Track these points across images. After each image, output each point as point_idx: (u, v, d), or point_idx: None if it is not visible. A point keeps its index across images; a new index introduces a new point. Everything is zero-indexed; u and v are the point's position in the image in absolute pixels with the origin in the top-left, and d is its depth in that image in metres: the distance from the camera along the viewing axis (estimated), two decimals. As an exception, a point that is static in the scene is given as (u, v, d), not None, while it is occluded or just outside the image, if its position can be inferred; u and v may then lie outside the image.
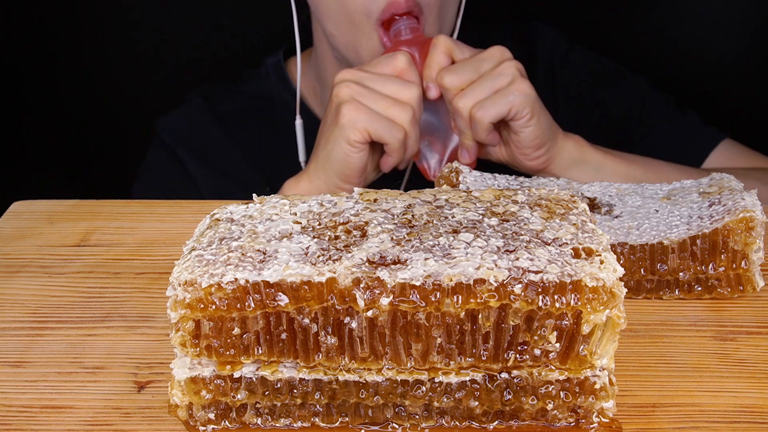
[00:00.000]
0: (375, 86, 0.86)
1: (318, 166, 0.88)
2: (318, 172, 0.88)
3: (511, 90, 0.85)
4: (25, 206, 0.77)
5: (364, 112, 0.84)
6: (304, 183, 0.89)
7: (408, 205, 0.52)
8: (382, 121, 0.84)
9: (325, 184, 0.88)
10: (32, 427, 0.51)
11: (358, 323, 0.46)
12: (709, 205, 0.63)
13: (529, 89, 0.86)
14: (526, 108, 0.86)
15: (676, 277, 0.62)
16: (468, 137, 0.89)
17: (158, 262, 0.68)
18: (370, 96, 0.85)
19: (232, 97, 1.11)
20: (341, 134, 0.85)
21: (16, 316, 0.61)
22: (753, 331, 0.59)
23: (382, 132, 0.84)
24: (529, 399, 0.48)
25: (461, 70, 0.87)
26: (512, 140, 0.89)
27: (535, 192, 0.53)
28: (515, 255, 0.46)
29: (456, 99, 0.87)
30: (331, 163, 0.87)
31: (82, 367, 0.56)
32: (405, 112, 0.85)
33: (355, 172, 0.87)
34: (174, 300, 0.46)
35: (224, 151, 1.07)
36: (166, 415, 0.51)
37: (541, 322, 0.45)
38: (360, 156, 0.85)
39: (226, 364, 0.47)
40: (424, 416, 0.49)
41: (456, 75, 0.87)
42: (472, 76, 0.87)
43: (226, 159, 1.07)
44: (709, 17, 1.27)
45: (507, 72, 0.86)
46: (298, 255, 0.47)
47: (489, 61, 0.87)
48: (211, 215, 0.52)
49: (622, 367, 0.55)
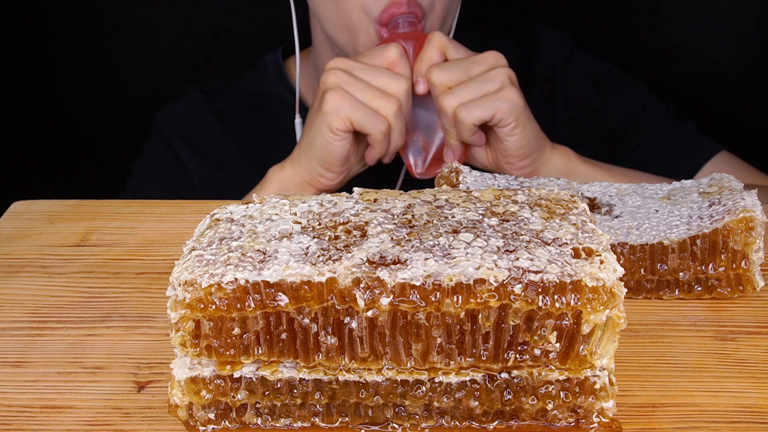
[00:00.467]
0: (363, 76, 0.85)
1: (301, 152, 0.88)
2: (300, 159, 0.88)
3: (498, 96, 0.85)
4: (25, 206, 0.77)
5: (347, 100, 0.84)
6: (287, 170, 0.89)
7: (408, 205, 0.52)
8: (366, 111, 0.84)
9: (307, 171, 0.88)
10: (32, 427, 0.51)
11: (358, 323, 0.46)
12: (709, 205, 0.63)
13: (516, 98, 0.85)
14: (512, 116, 0.85)
15: (676, 277, 0.62)
16: (452, 136, 0.88)
17: (158, 262, 0.68)
18: (357, 85, 0.84)
19: (232, 94, 1.11)
20: (323, 121, 0.84)
21: (16, 316, 0.61)
22: (753, 331, 0.59)
23: (365, 122, 0.84)
24: (529, 399, 0.48)
25: (451, 68, 0.87)
26: (497, 148, 0.88)
27: (535, 192, 0.53)
28: (515, 255, 0.46)
29: (442, 97, 0.86)
30: (313, 149, 0.86)
31: (82, 367, 0.56)
32: (390, 104, 0.84)
33: (336, 161, 0.86)
34: (174, 300, 0.46)
35: (221, 146, 1.07)
36: (166, 415, 0.51)
37: (541, 322, 0.45)
38: (341, 145, 0.85)
39: (226, 364, 0.47)
40: (424, 416, 0.49)
41: (445, 72, 0.86)
42: (461, 76, 0.86)
43: (222, 154, 1.07)
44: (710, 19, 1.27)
45: (497, 78, 0.85)
46: (298, 255, 0.47)
47: (481, 65, 0.87)
48: (211, 215, 0.52)
49: (622, 367, 0.55)
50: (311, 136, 0.86)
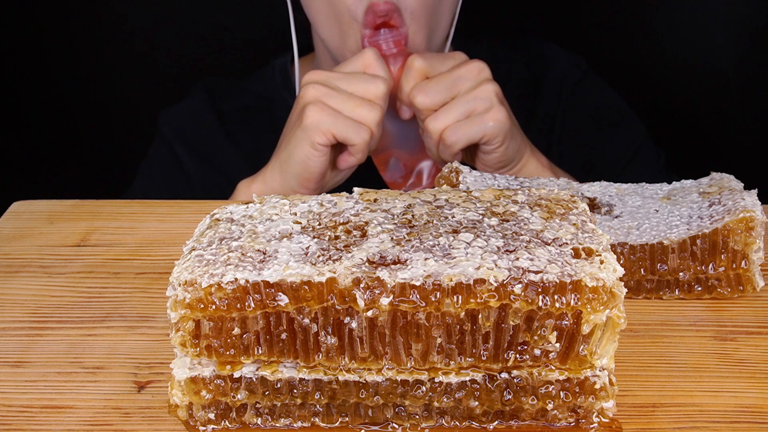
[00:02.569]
0: (341, 85, 0.84)
1: (276, 166, 0.86)
2: (275, 173, 0.86)
3: (487, 119, 0.83)
4: (25, 206, 0.77)
5: (328, 113, 0.82)
6: (257, 185, 0.88)
7: (408, 205, 0.52)
8: (347, 122, 0.82)
9: (281, 186, 0.86)
10: (32, 427, 0.51)
11: (358, 323, 0.46)
12: (709, 205, 0.63)
13: (505, 118, 0.84)
14: (499, 137, 0.84)
15: (676, 277, 0.62)
16: (434, 156, 0.87)
17: (158, 262, 0.68)
18: (337, 97, 0.83)
19: (237, 95, 1.11)
20: (304, 136, 0.83)
21: (16, 316, 0.61)
22: (753, 331, 0.59)
23: (347, 133, 0.82)
24: (529, 399, 0.48)
25: (434, 89, 0.85)
26: (478, 156, 0.88)
27: (535, 192, 0.53)
28: (515, 255, 0.46)
29: (428, 121, 0.85)
30: (291, 165, 0.85)
31: (82, 367, 0.56)
32: (373, 112, 0.83)
33: (314, 176, 0.85)
34: (174, 300, 0.46)
35: (222, 150, 1.07)
36: (166, 415, 0.51)
37: (541, 322, 0.45)
38: (321, 161, 0.84)
39: (226, 364, 0.47)
40: (424, 416, 0.49)
41: (428, 96, 0.85)
42: (445, 97, 0.85)
43: (223, 158, 1.07)
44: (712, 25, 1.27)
45: (484, 96, 0.84)
46: (298, 255, 0.47)
47: (465, 81, 0.85)
48: (211, 215, 0.52)
49: (622, 367, 0.55)
50: (290, 151, 0.85)
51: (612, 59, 1.23)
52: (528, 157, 0.89)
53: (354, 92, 0.84)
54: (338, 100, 0.83)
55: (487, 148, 0.86)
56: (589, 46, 1.20)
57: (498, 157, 0.86)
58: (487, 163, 0.87)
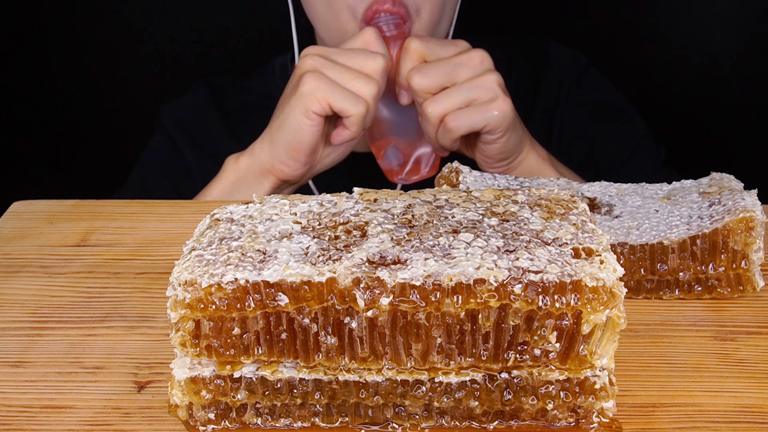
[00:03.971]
0: (339, 59, 0.83)
1: (266, 137, 0.85)
2: (264, 144, 0.85)
3: (492, 108, 0.83)
4: (25, 206, 0.77)
5: (325, 82, 0.81)
6: (245, 158, 0.87)
7: (408, 205, 0.52)
8: (344, 93, 0.81)
9: (269, 157, 0.85)
10: (32, 427, 0.51)
11: (358, 323, 0.46)
12: (709, 205, 0.63)
13: (510, 109, 0.83)
14: (501, 127, 0.84)
15: (676, 277, 0.62)
16: (432, 141, 0.87)
17: (158, 262, 0.68)
18: (334, 68, 0.82)
19: (238, 93, 1.11)
20: (299, 102, 0.82)
21: (16, 316, 0.61)
22: (753, 331, 0.59)
23: (343, 103, 0.81)
24: (529, 399, 0.48)
25: (433, 72, 0.84)
26: (477, 147, 0.87)
27: (535, 192, 0.53)
28: (515, 255, 0.46)
29: (426, 104, 0.84)
30: (281, 133, 0.84)
31: (82, 367, 0.56)
32: (370, 86, 0.82)
33: (304, 147, 0.83)
34: (174, 300, 0.46)
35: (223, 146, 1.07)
36: (166, 415, 0.51)
37: (541, 322, 0.45)
38: (313, 131, 0.82)
39: (226, 364, 0.47)
40: (424, 416, 0.49)
41: (426, 78, 0.84)
42: (444, 81, 0.84)
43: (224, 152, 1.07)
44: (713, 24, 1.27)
45: (487, 86, 0.83)
46: (298, 255, 0.47)
47: (467, 68, 0.84)
48: (211, 215, 0.52)
49: (622, 367, 0.55)
50: (283, 118, 0.83)
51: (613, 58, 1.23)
52: (528, 150, 0.89)
53: (352, 66, 0.83)
54: (336, 71, 0.82)
55: (488, 138, 0.85)
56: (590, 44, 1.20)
57: (499, 148, 0.86)
58: (487, 154, 0.87)
